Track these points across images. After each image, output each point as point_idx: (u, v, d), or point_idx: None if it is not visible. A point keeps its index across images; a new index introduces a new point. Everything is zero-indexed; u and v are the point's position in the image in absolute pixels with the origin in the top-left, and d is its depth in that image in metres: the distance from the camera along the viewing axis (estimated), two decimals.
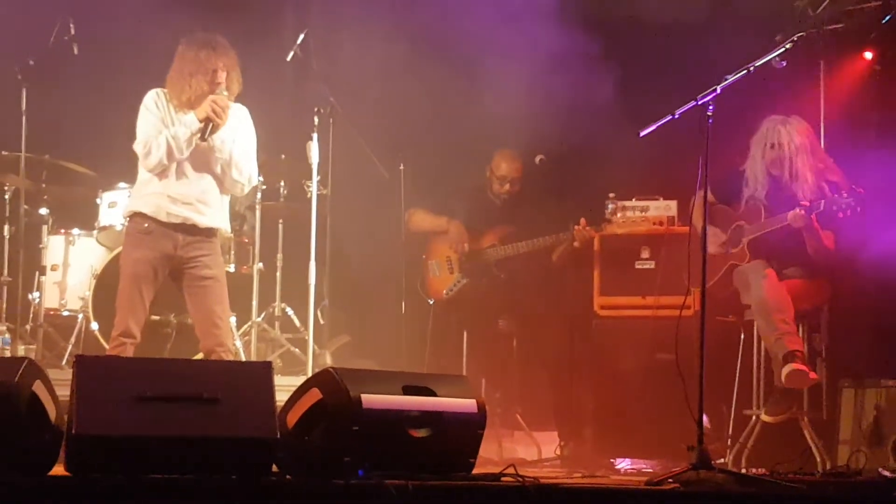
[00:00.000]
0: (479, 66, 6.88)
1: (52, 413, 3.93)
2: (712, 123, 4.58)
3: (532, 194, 6.96)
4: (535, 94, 6.74)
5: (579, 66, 6.76)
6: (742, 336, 6.08)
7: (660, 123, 4.67)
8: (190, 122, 5.31)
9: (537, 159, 6.77)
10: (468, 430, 4.22)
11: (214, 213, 5.44)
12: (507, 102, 6.66)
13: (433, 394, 4.17)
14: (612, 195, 6.56)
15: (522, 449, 6.74)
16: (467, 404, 4.22)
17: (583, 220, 6.49)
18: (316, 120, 6.33)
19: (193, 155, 5.36)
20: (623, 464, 6.15)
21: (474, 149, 7.09)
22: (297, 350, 7.11)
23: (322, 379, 4.11)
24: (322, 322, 7.02)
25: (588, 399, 6.57)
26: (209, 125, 5.29)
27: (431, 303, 7.02)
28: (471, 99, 6.77)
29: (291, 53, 7.09)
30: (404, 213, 7.08)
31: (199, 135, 5.31)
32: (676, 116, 4.63)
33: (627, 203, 6.56)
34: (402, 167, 7.08)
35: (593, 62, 6.75)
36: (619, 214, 6.47)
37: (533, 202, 6.94)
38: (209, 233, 5.43)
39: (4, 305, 6.89)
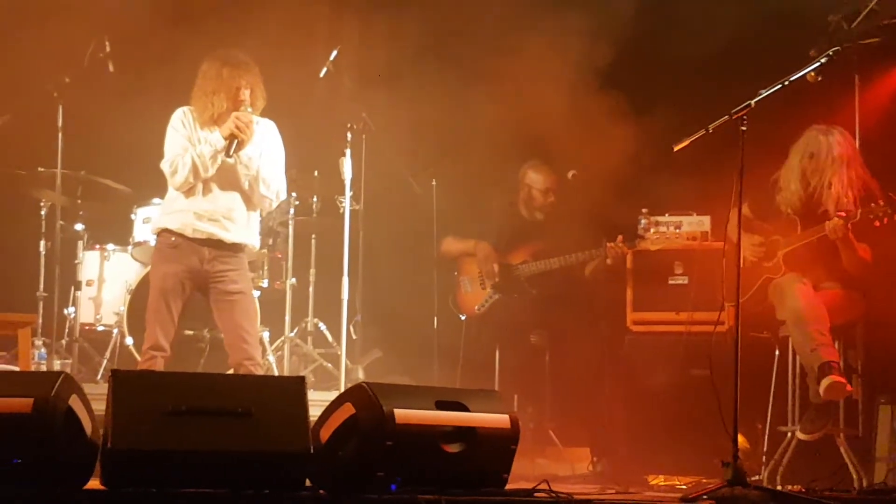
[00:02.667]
0: (510, 83, 6.88)
1: (87, 427, 3.95)
2: (746, 138, 4.56)
3: (564, 210, 6.95)
4: (566, 109, 6.73)
5: (611, 81, 6.76)
6: (777, 352, 6.03)
7: (693, 138, 4.66)
8: (215, 139, 5.35)
9: (570, 174, 6.77)
10: (501, 445, 4.20)
11: (240, 229, 5.47)
12: (538, 119, 6.66)
13: (466, 409, 4.16)
14: (644, 210, 6.54)
15: (554, 464, 6.71)
16: (500, 419, 4.21)
17: (619, 238, 6.47)
18: (349, 136, 6.36)
19: (220, 172, 5.39)
20: (656, 480, 6.11)
21: (506, 164, 7.09)
22: (329, 365, 7.13)
23: (355, 394, 4.11)
24: (354, 337, 7.04)
25: (621, 414, 6.53)
26: (234, 142, 5.31)
27: (463, 318, 7.02)
28: (503, 115, 6.77)
29: (324, 70, 7.14)
30: (436, 228, 7.09)
31: (224, 152, 5.33)
32: (710, 131, 4.62)
33: (661, 218, 6.53)
34: (434, 183, 7.09)
35: (624, 75, 6.75)
36: (652, 230, 6.44)
37: (565, 218, 6.93)
38: (235, 248, 5.46)
39: (41, 320, 6.94)
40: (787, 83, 4.70)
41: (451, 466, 4.10)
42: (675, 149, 4.70)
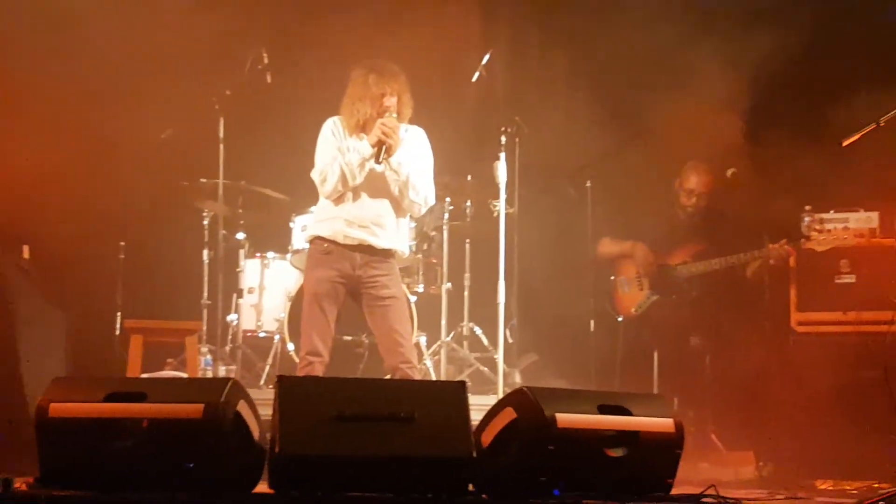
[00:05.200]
0: (664, 80, 6.79)
1: (255, 432, 4.03)
2: None
3: (724, 209, 6.81)
4: (725, 106, 6.61)
5: (771, 78, 6.61)
6: None
7: (864, 132, 4.50)
8: (362, 148, 5.38)
9: (729, 172, 6.62)
10: (665, 449, 4.14)
11: (390, 235, 5.50)
12: (696, 117, 6.55)
13: (629, 413, 4.11)
14: (808, 208, 6.34)
15: (717, 469, 6.56)
16: (664, 423, 4.14)
17: (782, 241, 6.30)
18: (503, 139, 6.34)
19: (369, 179, 5.43)
20: (825, 485, 5.92)
21: (663, 164, 6.99)
22: (485, 369, 7.12)
23: (516, 398, 4.10)
24: (511, 341, 7.02)
25: (786, 418, 6.35)
26: (382, 149, 5.34)
27: (620, 320, 6.94)
28: (658, 114, 6.68)
29: (477, 74, 7.15)
30: (591, 230, 7.03)
31: (371, 160, 5.37)
32: (881, 125, 4.46)
33: (825, 216, 6.33)
34: (588, 184, 7.03)
35: (786, 72, 6.59)
36: (816, 228, 6.24)
37: (725, 217, 6.79)
38: (386, 254, 5.49)
39: (205, 327, 7.12)
40: None
41: (614, 471, 4.05)
42: (844, 144, 4.54)
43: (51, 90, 6.95)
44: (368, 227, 5.43)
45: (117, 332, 7.14)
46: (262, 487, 3.96)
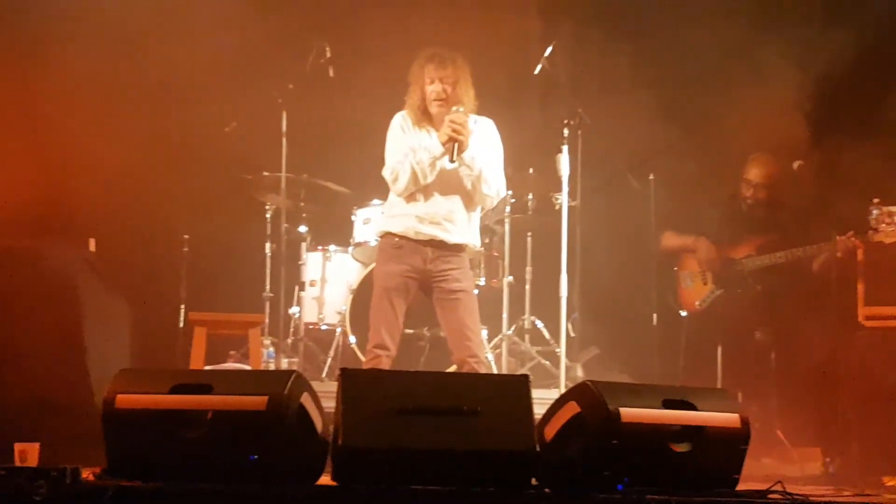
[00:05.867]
0: (728, 73, 6.72)
1: (318, 424, 4.05)
2: None
3: (788, 201, 6.72)
4: (790, 98, 6.52)
5: (837, 71, 6.52)
6: None
7: None
8: (433, 146, 5.36)
9: (796, 165, 6.52)
10: (731, 445, 4.09)
11: (462, 230, 5.48)
12: (760, 109, 6.47)
13: (694, 408, 4.06)
14: (876, 201, 6.23)
15: (782, 465, 6.49)
16: (730, 419, 4.09)
17: (850, 232, 6.21)
18: (565, 132, 6.30)
19: (441, 175, 5.41)
20: (893, 481, 5.82)
21: (726, 156, 6.92)
22: (547, 363, 7.10)
23: (580, 392, 4.07)
24: (573, 335, 6.98)
25: (854, 413, 6.24)
26: (454, 147, 5.31)
27: (684, 315, 6.88)
28: (722, 106, 6.61)
29: (539, 66, 7.11)
30: (654, 223, 6.98)
31: (443, 158, 5.35)
32: None
33: (894, 208, 6.22)
34: (651, 177, 6.98)
35: (852, 65, 6.49)
36: (885, 220, 6.13)
37: (789, 209, 6.70)
38: (457, 248, 5.48)
39: (267, 320, 7.17)
40: None
41: (679, 467, 4.02)
42: None
43: (116, 87, 7.05)
44: (440, 223, 5.42)
45: (181, 325, 7.21)
46: (325, 479, 3.98)
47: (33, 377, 5.17)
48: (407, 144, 5.43)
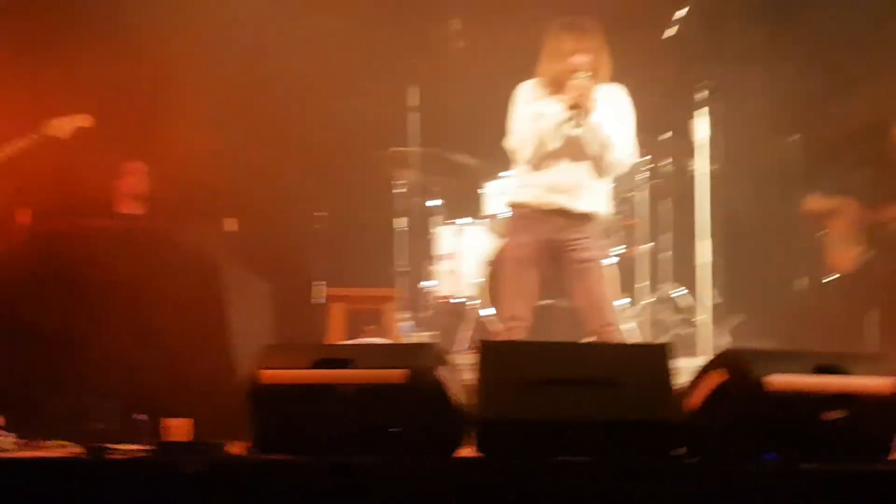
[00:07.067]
0: (879, 29, 6.48)
1: (457, 397, 4.02)
2: None
3: None
4: None
5: None
6: None
7: None
8: (557, 112, 5.29)
9: None
10: (887, 412, 3.91)
11: (591, 198, 5.40)
12: None
13: (847, 373, 3.91)
14: None
15: None
16: (885, 384, 3.92)
17: None
18: (702, 94, 6.15)
19: (567, 143, 5.33)
20: None
21: (875, 115, 6.67)
22: (690, 331, 6.96)
23: (725, 359, 3.96)
24: (717, 301, 6.84)
25: None
26: (578, 112, 5.23)
27: (833, 278, 6.68)
28: (869, 62, 6.37)
29: (673, 29, 6.95)
30: (799, 185, 6.79)
31: (567, 124, 5.26)
32: None
33: None
34: (795, 138, 6.77)
35: None
36: None
37: None
38: (587, 217, 5.41)
39: (402, 294, 7.19)
40: None
41: (831, 435, 3.86)
42: None
43: (250, 71, 7.15)
44: (569, 191, 5.35)
45: (319, 301, 7.29)
46: (464, 452, 3.96)
47: (179, 355, 5.27)
48: (531, 112, 5.36)
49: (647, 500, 3.70)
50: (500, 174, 7.05)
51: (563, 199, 5.35)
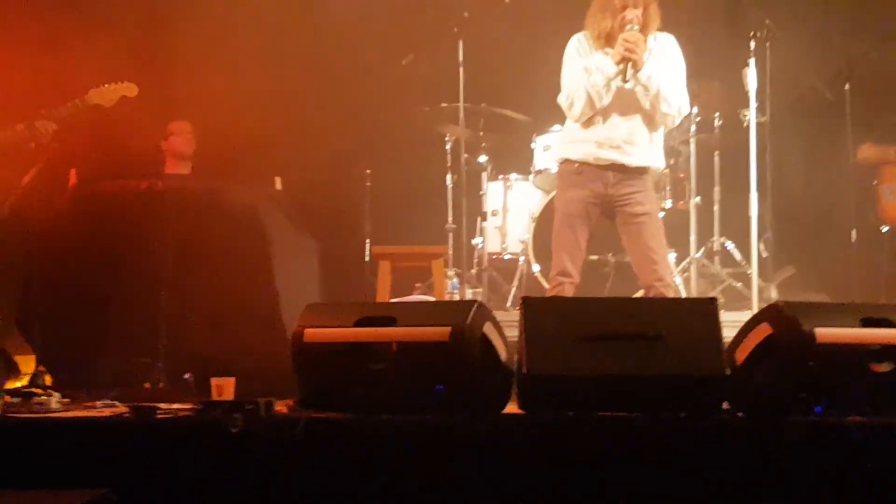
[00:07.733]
0: None
1: (501, 353, 4.02)
2: None
3: None
4: None
5: None
6: None
7: None
8: (606, 67, 5.22)
9: None
10: None
11: (643, 152, 5.34)
12: None
13: (895, 326, 3.84)
14: None
15: None
16: None
17: None
18: (752, 44, 6.02)
19: (618, 97, 5.26)
20: None
21: None
22: (739, 284, 6.88)
23: (772, 313, 3.91)
24: (765, 255, 6.75)
25: None
26: (627, 66, 5.16)
27: (886, 230, 6.56)
28: None
29: None
30: (851, 135, 6.64)
31: (617, 78, 5.20)
32: None
33: None
34: (847, 87, 6.62)
35: None
36: None
37: None
38: (639, 171, 5.34)
39: (451, 251, 7.18)
40: None
41: (880, 388, 3.82)
42: None
43: (297, 28, 7.12)
44: (620, 146, 5.30)
45: (366, 259, 7.29)
46: (511, 408, 3.95)
47: (226, 314, 5.30)
48: (582, 67, 5.30)
49: (692, 455, 3.68)
50: (551, 128, 7.00)
51: (616, 154, 5.30)
